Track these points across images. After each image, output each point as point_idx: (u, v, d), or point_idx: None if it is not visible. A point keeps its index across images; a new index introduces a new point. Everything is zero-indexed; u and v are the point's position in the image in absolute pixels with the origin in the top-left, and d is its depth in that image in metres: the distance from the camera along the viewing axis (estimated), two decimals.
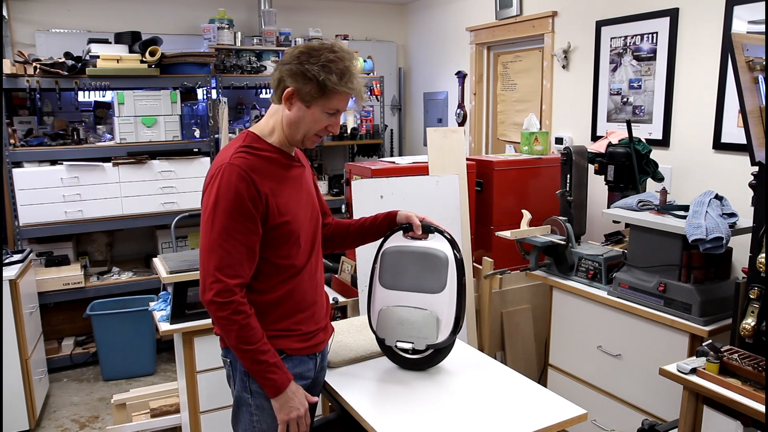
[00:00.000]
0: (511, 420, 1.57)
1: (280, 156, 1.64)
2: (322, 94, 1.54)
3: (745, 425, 1.78)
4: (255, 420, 1.64)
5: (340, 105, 1.58)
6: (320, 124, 1.59)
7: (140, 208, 4.09)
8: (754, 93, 1.91)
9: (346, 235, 1.92)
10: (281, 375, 1.57)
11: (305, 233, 1.67)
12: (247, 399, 1.64)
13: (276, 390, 1.57)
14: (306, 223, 1.68)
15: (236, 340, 1.53)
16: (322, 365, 1.80)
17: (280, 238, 1.60)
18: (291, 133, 1.61)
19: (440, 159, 3.11)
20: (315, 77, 1.52)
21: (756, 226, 1.90)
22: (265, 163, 1.59)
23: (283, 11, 4.97)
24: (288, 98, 1.57)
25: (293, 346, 1.65)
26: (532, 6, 3.99)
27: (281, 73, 1.57)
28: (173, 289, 2.50)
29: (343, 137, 4.90)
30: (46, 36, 4.31)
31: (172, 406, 3.13)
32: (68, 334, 4.19)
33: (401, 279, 1.79)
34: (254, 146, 1.60)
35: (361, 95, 1.61)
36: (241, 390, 1.65)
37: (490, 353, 3.20)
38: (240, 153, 1.57)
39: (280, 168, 1.63)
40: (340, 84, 1.53)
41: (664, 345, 2.38)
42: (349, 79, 1.55)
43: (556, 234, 2.93)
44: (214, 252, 1.51)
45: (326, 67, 1.52)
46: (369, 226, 1.89)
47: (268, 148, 1.62)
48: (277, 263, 1.62)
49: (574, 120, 3.72)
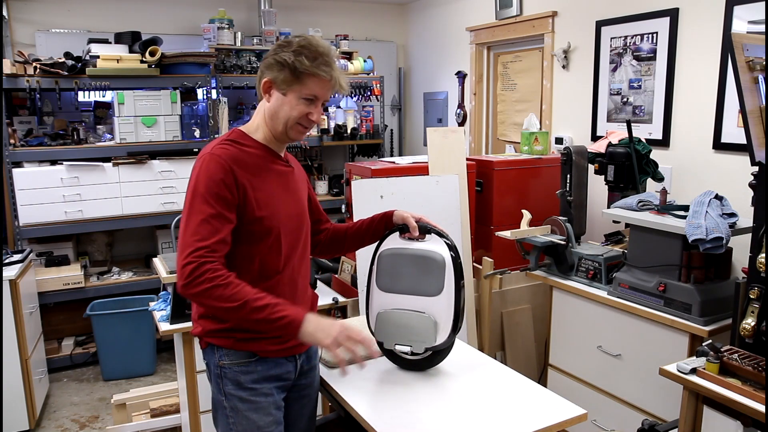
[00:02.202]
0: (511, 420, 1.57)
1: (264, 152, 1.62)
2: (295, 79, 1.55)
3: (745, 425, 1.78)
4: (231, 422, 1.61)
5: (316, 90, 1.57)
6: (298, 111, 1.58)
7: (140, 208, 4.09)
8: (754, 93, 1.91)
9: (344, 240, 1.90)
10: (291, 308, 1.45)
11: (285, 233, 1.62)
12: (222, 401, 1.62)
13: (294, 325, 1.44)
14: (288, 223, 1.63)
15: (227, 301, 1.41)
16: (311, 365, 1.77)
17: (256, 233, 1.57)
18: (274, 126, 1.61)
19: (440, 159, 3.11)
20: (287, 63, 1.55)
21: (756, 226, 1.90)
22: (247, 157, 1.58)
23: (283, 11, 4.97)
24: (267, 90, 1.60)
25: (266, 348, 1.60)
26: (532, 6, 3.99)
27: (260, 69, 1.62)
28: (173, 289, 2.50)
29: (343, 137, 4.90)
30: (46, 36, 4.31)
31: (172, 406, 3.13)
32: (68, 334, 4.19)
33: (398, 282, 1.77)
34: (238, 141, 1.60)
35: (338, 82, 1.59)
36: (216, 392, 1.63)
37: (490, 353, 3.20)
38: (223, 145, 1.57)
39: (263, 163, 1.61)
40: (312, 67, 1.53)
41: (664, 345, 2.38)
42: (323, 62, 1.55)
43: (556, 234, 2.93)
44: (188, 237, 1.46)
45: (298, 52, 1.54)
46: (366, 229, 1.87)
47: (253, 144, 1.62)
48: (252, 261, 1.58)
49: (574, 120, 3.72)
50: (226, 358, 1.60)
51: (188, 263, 1.43)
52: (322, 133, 4.83)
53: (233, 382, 1.60)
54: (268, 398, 1.62)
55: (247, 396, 1.60)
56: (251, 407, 1.60)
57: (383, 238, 1.84)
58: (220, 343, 1.60)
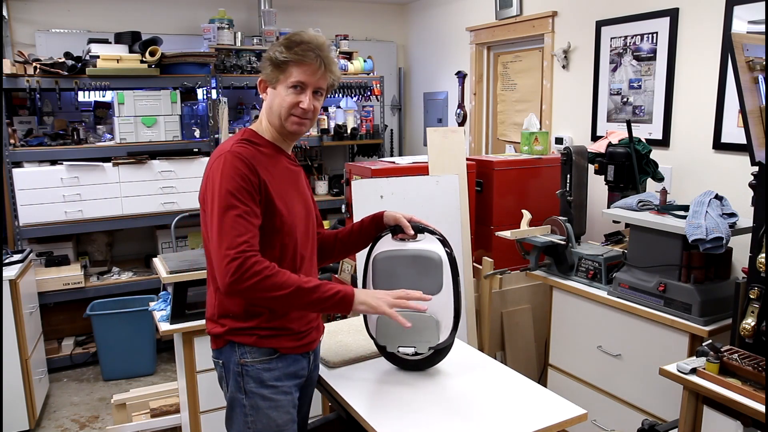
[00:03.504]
0: (511, 420, 1.57)
1: (274, 151, 1.67)
2: (278, 70, 1.60)
3: (745, 425, 1.78)
4: (249, 420, 1.63)
5: (300, 76, 1.59)
6: (288, 101, 1.61)
7: (140, 208, 4.09)
8: (754, 93, 1.91)
9: (334, 245, 1.90)
10: (339, 285, 1.55)
11: (300, 229, 1.67)
12: (242, 400, 1.63)
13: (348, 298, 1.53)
14: (300, 220, 1.68)
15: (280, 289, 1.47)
16: (316, 363, 1.81)
17: (276, 230, 1.60)
18: (272, 121, 1.66)
19: (440, 159, 3.11)
20: (270, 57, 1.61)
21: (756, 226, 1.90)
22: (262, 157, 1.61)
23: (283, 11, 4.97)
24: (263, 89, 1.67)
25: (286, 345, 1.64)
26: (532, 6, 3.99)
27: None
28: (173, 289, 2.50)
29: (343, 137, 4.89)
30: (46, 36, 4.31)
31: (172, 406, 3.13)
32: (68, 334, 4.19)
33: (396, 284, 1.75)
34: (252, 140, 1.64)
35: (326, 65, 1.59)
36: (235, 390, 1.64)
37: (490, 353, 3.20)
38: (241, 144, 1.61)
39: (277, 162, 1.66)
40: (289, 53, 1.57)
41: (664, 345, 2.38)
42: (299, 47, 1.58)
43: (556, 234, 2.93)
44: (227, 233, 1.48)
45: (278, 44, 1.61)
46: (357, 233, 1.87)
47: (264, 143, 1.66)
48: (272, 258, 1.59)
49: (574, 120, 3.72)
50: (248, 355, 1.62)
51: (232, 259, 1.46)
52: (322, 133, 4.83)
53: (256, 379, 1.62)
54: (287, 397, 1.66)
55: (269, 394, 1.62)
56: (272, 405, 1.63)
57: (375, 241, 1.83)
58: (243, 341, 1.62)
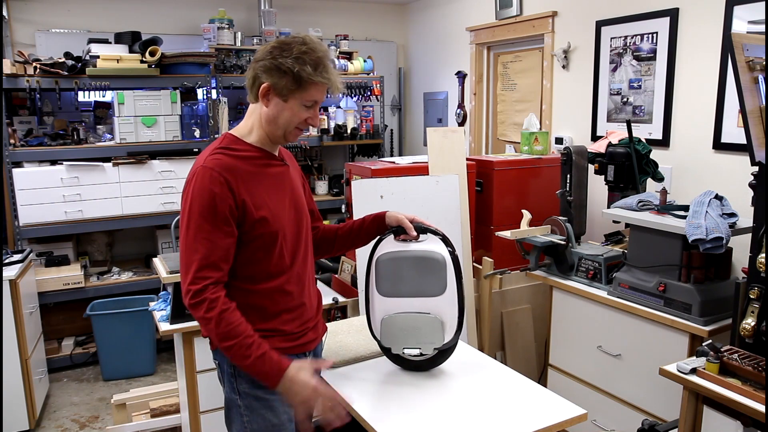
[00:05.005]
0: (511, 420, 1.57)
1: (259, 155, 1.63)
2: (298, 87, 1.54)
3: (745, 425, 1.78)
4: (246, 421, 1.63)
5: (317, 96, 1.58)
6: (299, 117, 1.59)
7: (140, 208, 4.09)
8: (754, 93, 1.91)
9: (334, 240, 1.89)
10: (271, 365, 1.50)
11: (289, 233, 1.65)
12: (236, 400, 1.63)
13: (272, 381, 1.50)
14: (289, 222, 1.65)
15: (217, 338, 1.49)
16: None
17: (259, 237, 1.58)
18: (271, 130, 1.61)
19: (440, 159, 3.11)
20: (290, 70, 1.52)
21: (756, 226, 1.90)
22: (242, 163, 1.58)
23: (283, 11, 4.97)
24: (264, 95, 1.57)
25: (280, 346, 1.62)
26: (532, 6, 3.99)
27: (255, 71, 1.58)
28: (173, 289, 2.50)
29: (343, 137, 4.89)
30: (46, 36, 4.31)
31: (172, 406, 3.13)
32: (68, 334, 4.19)
33: (400, 285, 1.76)
34: (231, 147, 1.60)
35: (336, 86, 1.60)
36: (230, 392, 1.65)
37: (490, 353, 3.20)
38: (215, 155, 1.56)
39: (259, 167, 1.62)
40: (315, 74, 1.53)
41: (664, 345, 2.38)
42: (324, 69, 1.55)
43: (556, 234, 2.93)
44: (190, 255, 1.50)
45: (300, 59, 1.52)
46: (357, 230, 1.86)
47: (247, 148, 1.62)
48: (260, 262, 1.60)
49: (574, 120, 3.72)
50: None
51: (192, 283, 1.49)
52: (322, 133, 4.83)
53: (248, 380, 1.61)
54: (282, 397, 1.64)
55: (262, 394, 1.61)
56: (266, 405, 1.62)
57: (378, 241, 1.82)
58: None
